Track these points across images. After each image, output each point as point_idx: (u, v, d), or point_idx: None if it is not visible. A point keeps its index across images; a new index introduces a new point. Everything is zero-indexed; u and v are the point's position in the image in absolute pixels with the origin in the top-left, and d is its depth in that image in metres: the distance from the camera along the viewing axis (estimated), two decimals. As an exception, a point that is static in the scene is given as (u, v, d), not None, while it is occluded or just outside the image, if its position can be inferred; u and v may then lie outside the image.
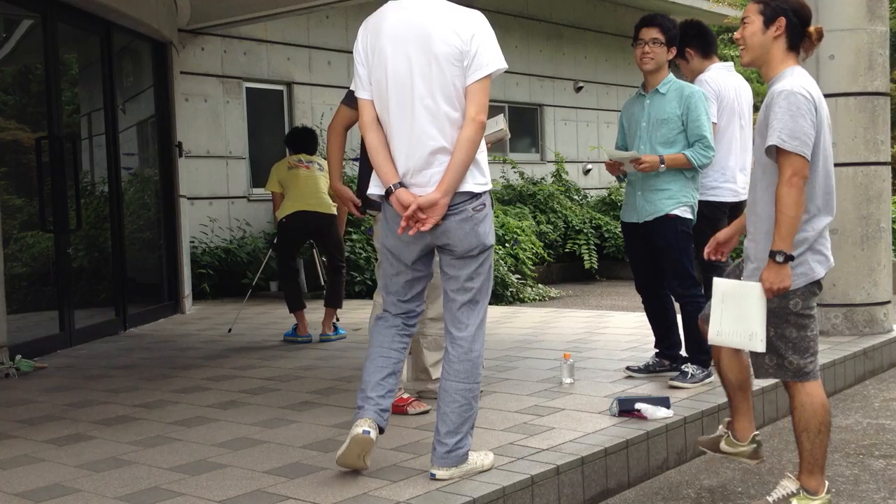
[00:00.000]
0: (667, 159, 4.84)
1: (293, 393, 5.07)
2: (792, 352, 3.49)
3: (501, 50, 3.48)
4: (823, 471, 3.55)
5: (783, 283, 3.39)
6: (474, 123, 3.35)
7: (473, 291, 3.48)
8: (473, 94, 3.37)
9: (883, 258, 6.64)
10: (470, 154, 3.35)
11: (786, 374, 3.52)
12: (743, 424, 3.85)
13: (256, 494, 3.34)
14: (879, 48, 6.52)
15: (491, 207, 3.50)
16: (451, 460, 3.43)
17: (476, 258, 3.47)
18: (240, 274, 10.00)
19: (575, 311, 8.58)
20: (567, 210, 13.53)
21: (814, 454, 3.52)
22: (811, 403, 3.51)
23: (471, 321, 3.48)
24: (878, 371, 6.29)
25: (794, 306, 3.47)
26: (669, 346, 5.21)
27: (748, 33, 3.55)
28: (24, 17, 6.94)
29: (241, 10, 9.78)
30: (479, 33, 3.38)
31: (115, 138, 7.81)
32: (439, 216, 3.35)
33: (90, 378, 5.70)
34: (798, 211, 3.36)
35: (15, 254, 6.59)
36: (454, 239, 3.43)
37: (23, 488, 3.49)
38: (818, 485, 3.53)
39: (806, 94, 3.38)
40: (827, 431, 3.53)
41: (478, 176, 3.43)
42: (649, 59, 4.96)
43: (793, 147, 3.33)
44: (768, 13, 3.51)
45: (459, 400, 3.42)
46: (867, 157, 6.52)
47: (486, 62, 3.37)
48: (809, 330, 3.50)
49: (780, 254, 3.37)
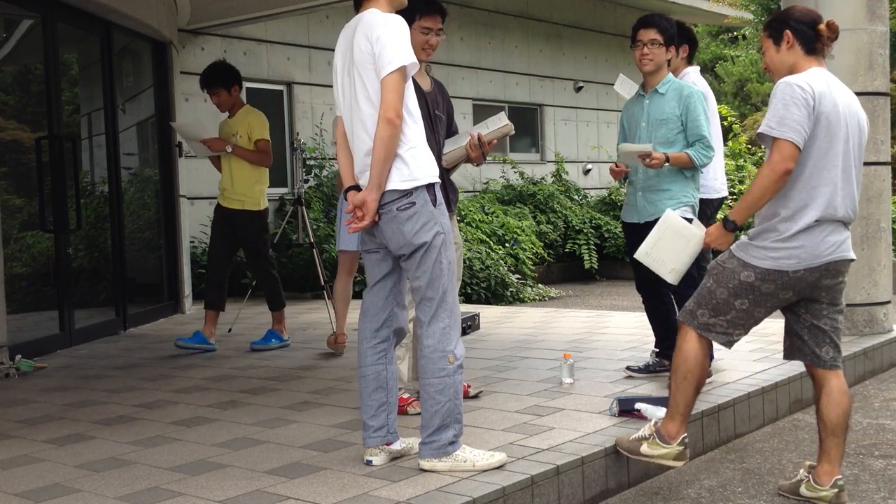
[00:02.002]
0: (671, 157, 4.87)
1: (293, 393, 5.07)
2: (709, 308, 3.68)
3: (501, 50, 3.51)
4: (684, 421, 3.76)
5: (720, 245, 3.74)
6: (382, 121, 3.44)
7: (421, 290, 3.56)
8: (382, 93, 3.46)
9: (883, 258, 6.64)
10: (383, 151, 3.44)
11: (692, 321, 3.73)
12: (825, 469, 3.71)
13: (256, 494, 3.34)
14: (879, 48, 6.52)
15: (429, 205, 3.52)
16: (429, 451, 3.54)
17: (411, 257, 3.54)
18: (240, 274, 10.00)
19: (575, 311, 8.58)
20: (567, 210, 13.53)
21: (675, 398, 3.73)
22: (685, 349, 3.73)
23: (423, 317, 3.57)
24: (878, 371, 6.29)
25: (745, 277, 3.59)
26: (670, 346, 5.18)
27: (768, 59, 3.74)
28: (24, 17, 6.94)
29: (241, 10, 9.78)
30: (383, 35, 3.47)
31: (115, 138, 7.81)
32: (371, 213, 3.48)
33: (90, 378, 5.70)
34: (765, 195, 3.51)
35: (15, 254, 6.59)
36: (386, 238, 3.58)
37: (23, 488, 3.49)
38: (673, 431, 3.73)
39: (804, 85, 3.49)
40: (693, 383, 3.71)
41: (404, 172, 3.50)
42: (648, 60, 4.97)
43: (780, 133, 3.45)
44: (774, 33, 3.69)
45: (423, 394, 3.57)
46: (867, 157, 6.44)
47: (389, 60, 3.45)
48: (739, 301, 3.63)
49: (731, 223, 3.66)
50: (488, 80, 14.27)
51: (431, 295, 3.54)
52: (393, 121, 3.43)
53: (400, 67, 3.44)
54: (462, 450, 3.55)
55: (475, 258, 10.50)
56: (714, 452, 4.55)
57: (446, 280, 3.55)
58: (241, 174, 6.57)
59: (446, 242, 3.56)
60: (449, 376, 3.53)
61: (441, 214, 3.56)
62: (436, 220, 3.53)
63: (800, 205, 3.52)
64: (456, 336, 3.57)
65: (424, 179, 3.52)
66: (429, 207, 3.52)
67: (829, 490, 3.67)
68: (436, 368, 3.52)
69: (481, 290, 10.36)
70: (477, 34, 14.01)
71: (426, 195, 3.52)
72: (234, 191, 6.57)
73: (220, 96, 6.62)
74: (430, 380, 3.53)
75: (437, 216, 3.53)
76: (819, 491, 3.69)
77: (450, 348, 3.53)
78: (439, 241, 3.53)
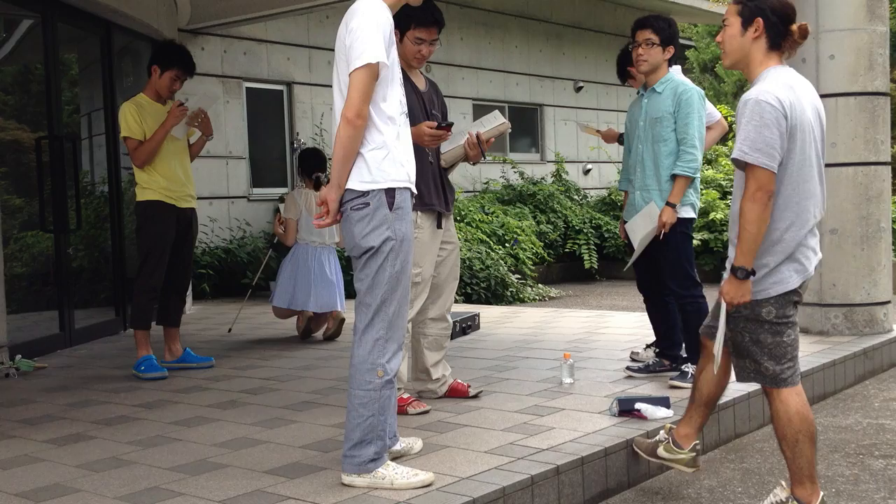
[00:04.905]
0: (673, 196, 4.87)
1: (293, 393, 5.07)
2: (767, 358, 3.43)
3: (501, 50, 3.48)
4: (814, 480, 3.43)
5: (743, 297, 3.36)
6: (343, 119, 3.30)
7: (360, 294, 3.40)
8: (348, 89, 3.32)
9: (883, 258, 6.64)
10: (340, 150, 3.31)
11: (763, 379, 3.48)
12: (687, 432, 3.87)
13: (256, 494, 3.34)
14: (879, 48, 6.52)
15: (384, 209, 3.35)
16: (350, 466, 3.39)
17: (358, 260, 3.41)
18: (240, 274, 10.01)
19: (575, 311, 8.58)
20: (567, 210, 13.54)
21: (797, 463, 3.42)
22: (785, 412, 3.43)
23: (359, 324, 3.41)
24: (878, 371, 6.29)
25: (766, 314, 3.41)
26: (670, 346, 5.21)
27: (727, 36, 3.48)
28: (24, 17, 6.94)
29: (241, 10, 9.78)
30: (356, 27, 3.31)
31: (115, 138, 7.80)
32: (332, 211, 3.38)
33: (90, 378, 5.69)
34: (761, 227, 3.29)
35: (15, 254, 6.59)
36: (343, 237, 3.50)
37: (23, 488, 3.49)
38: (809, 495, 3.42)
39: (774, 101, 3.27)
40: (808, 440, 3.40)
41: (363, 173, 3.35)
42: (643, 60, 5.00)
43: (755, 160, 3.26)
44: (746, 14, 3.43)
45: (348, 404, 3.41)
46: (867, 157, 6.52)
47: (358, 54, 3.28)
48: (786, 336, 3.43)
49: (740, 270, 3.33)
50: (488, 80, 14.27)
51: (369, 301, 3.36)
52: (352, 121, 3.27)
53: (367, 64, 3.26)
54: (385, 467, 3.38)
55: (475, 258, 10.51)
56: (714, 452, 4.56)
57: (388, 290, 3.36)
58: (188, 167, 5.97)
59: (396, 250, 3.36)
60: (375, 390, 3.35)
61: (397, 220, 3.37)
62: (388, 224, 3.34)
63: (787, 225, 3.38)
64: (391, 349, 3.38)
65: (384, 184, 3.35)
66: (383, 211, 3.34)
67: (688, 453, 3.85)
68: (362, 380, 3.36)
69: (481, 290, 10.36)
70: (477, 34, 14.01)
71: (383, 198, 3.35)
72: (189, 187, 5.90)
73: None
74: (354, 391, 3.37)
75: (390, 221, 3.35)
76: (678, 453, 3.86)
77: (381, 361, 3.36)
78: (388, 247, 3.34)
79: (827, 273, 6.57)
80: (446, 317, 4.73)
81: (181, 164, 5.84)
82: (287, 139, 11.59)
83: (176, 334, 5.99)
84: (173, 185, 5.76)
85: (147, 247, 5.75)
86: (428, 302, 4.63)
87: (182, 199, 5.82)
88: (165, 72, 5.78)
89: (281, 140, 11.61)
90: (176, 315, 6.01)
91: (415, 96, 4.44)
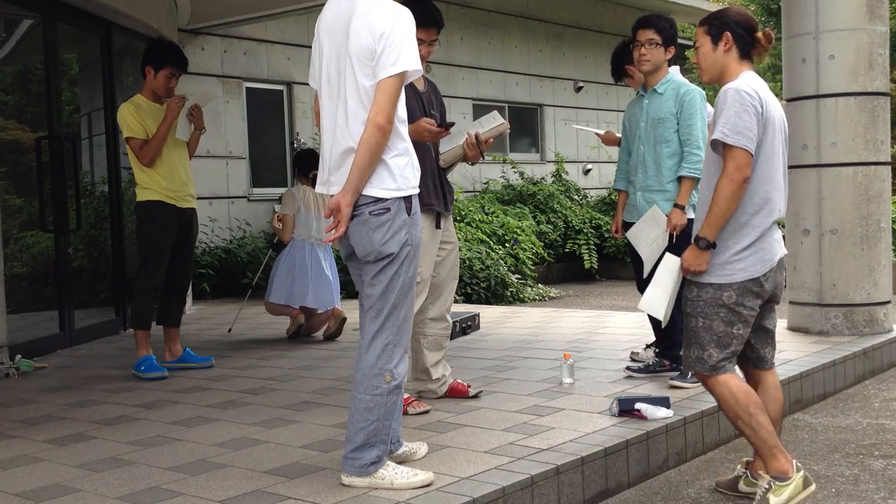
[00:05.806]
0: (680, 198, 4.88)
1: (293, 393, 5.07)
2: (714, 345, 3.60)
3: (501, 50, 3.47)
4: (781, 448, 3.59)
5: (700, 267, 3.59)
6: (372, 125, 3.22)
7: (372, 299, 3.34)
8: (376, 95, 3.24)
9: (883, 258, 6.64)
10: (367, 156, 3.23)
11: (704, 367, 3.62)
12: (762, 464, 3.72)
13: (256, 494, 3.34)
14: (879, 48, 6.52)
15: (403, 214, 3.32)
16: (350, 468, 3.37)
17: (373, 265, 3.33)
18: (240, 274, 10.01)
19: (575, 311, 8.58)
20: (567, 210, 13.54)
21: (760, 437, 3.59)
22: (730, 392, 3.60)
23: (369, 329, 3.36)
24: (878, 371, 6.29)
25: (727, 298, 3.58)
26: (670, 346, 5.21)
27: (702, 55, 3.75)
28: (24, 17, 6.94)
29: (241, 10, 9.78)
30: (389, 32, 3.23)
31: (115, 138, 7.80)
32: (345, 218, 3.27)
33: (90, 378, 5.69)
34: (731, 206, 3.52)
35: (15, 254, 6.59)
36: (353, 241, 3.36)
37: (23, 488, 3.49)
38: (783, 464, 3.56)
39: (752, 92, 3.53)
40: (760, 411, 3.57)
41: (387, 180, 3.30)
42: (645, 60, 4.99)
43: (735, 141, 3.48)
44: (714, 31, 3.70)
45: (352, 407, 3.38)
46: (867, 157, 6.52)
47: (393, 62, 3.23)
48: (736, 328, 3.61)
49: (703, 240, 3.57)
50: (488, 80, 14.27)
51: (381, 306, 3.32)
52: (383, 126, 3.22)
53: (402, 72, 3.24)
54: (385, 468, 3.37)
55: (475, 258, 10.51)
56: (714, 452, 4.56)
57: (400, 295, 3.34)
58: (188, 167, 5.93)
59: (411, 256, 3.35)
60: (381, 395, 3.33)
61: (413, 225, 3.36)
62: (407, 230, 3.32)
63: (755, 210, 3.58)
64: (399, 354, 3.36)
65: (406, 191, 3.33)
66: (402, 217, 3.31)
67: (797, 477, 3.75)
68: (369, 385, 3.33)
69: (481, 290, 10.36)
70: (477, 34, 14.01)
71: (403, 204, 3.32)
72: (190, 187, 5.88)
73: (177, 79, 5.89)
74: (361, 395, 3.34)
75: (409, 227, 3.33)
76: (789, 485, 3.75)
77: (389, 366, 3.33)
78: (405, 253, 3.32)
79: (827, 273, 6.57)
80: (446, 317, 4.73)
81: (181, 164, 5.84)
82: (287, 139, 11.60)
83: (176, 334, 5.99)
84: (173, 185, 5.76)
85: (147, 247, 5.75)
86: (427, 302, 4.63)
87: (182, 199, 5.81)
88: (160, 71, 5.78)
89: (281, 140, 11.62)
90: (176, 315, 6.00)
91: (414, 97, 4.44)
